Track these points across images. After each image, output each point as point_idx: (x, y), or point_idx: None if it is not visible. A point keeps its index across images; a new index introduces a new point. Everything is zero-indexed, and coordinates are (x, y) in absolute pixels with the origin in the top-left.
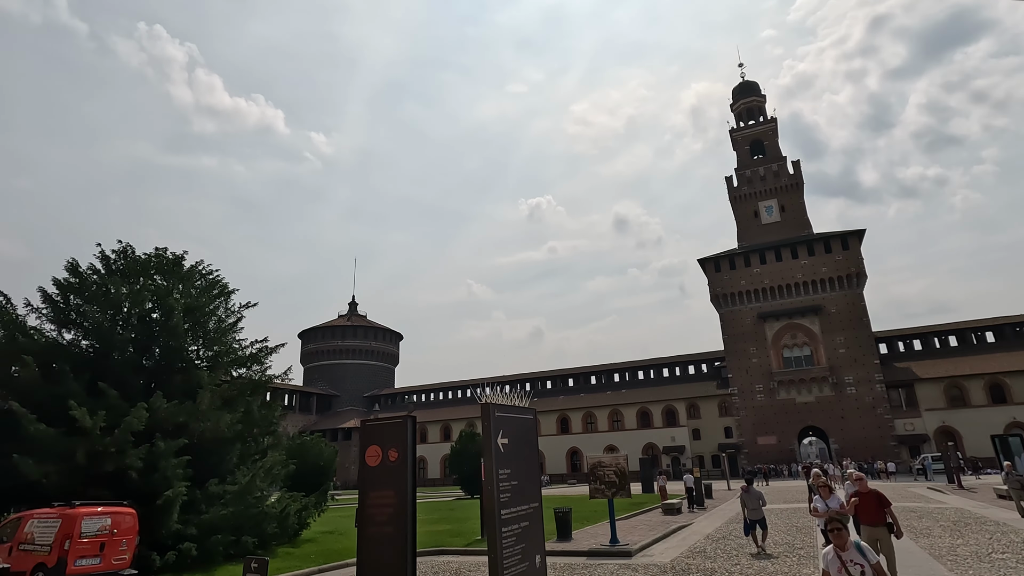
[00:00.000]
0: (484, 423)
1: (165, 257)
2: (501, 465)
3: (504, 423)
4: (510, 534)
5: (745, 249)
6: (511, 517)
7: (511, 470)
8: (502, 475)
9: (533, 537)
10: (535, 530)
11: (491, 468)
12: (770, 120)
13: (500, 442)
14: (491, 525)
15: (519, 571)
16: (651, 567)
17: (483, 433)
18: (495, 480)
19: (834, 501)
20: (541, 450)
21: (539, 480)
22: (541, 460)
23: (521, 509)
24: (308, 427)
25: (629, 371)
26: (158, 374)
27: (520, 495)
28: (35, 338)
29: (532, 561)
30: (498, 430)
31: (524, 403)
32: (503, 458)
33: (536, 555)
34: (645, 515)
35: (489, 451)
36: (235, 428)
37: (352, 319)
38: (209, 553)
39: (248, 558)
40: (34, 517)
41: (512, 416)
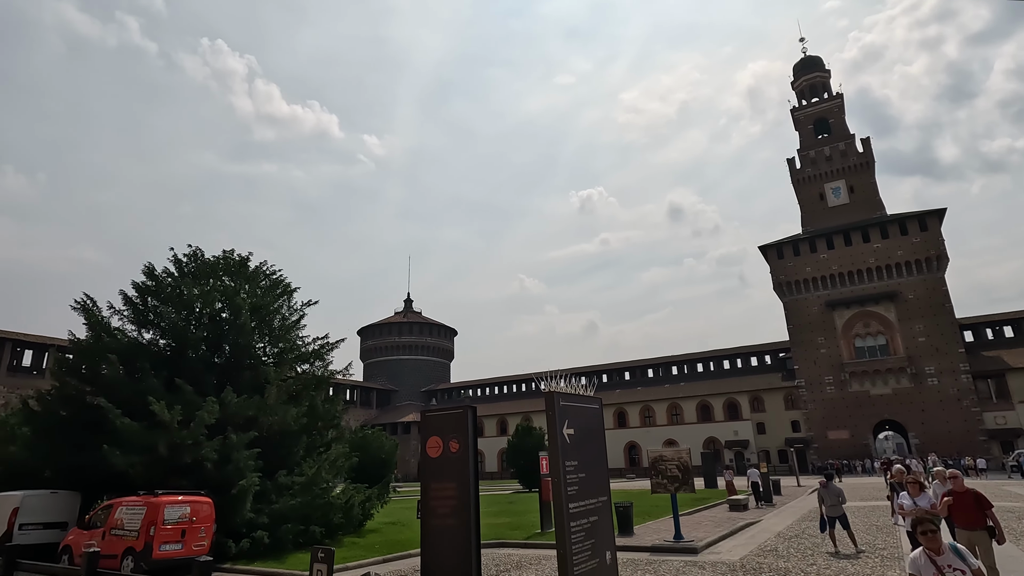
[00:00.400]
0: (548, 412)
1: (232, 259)
2: (567, 456)
3: (569, 412)
4: (579, 529)
5: (810, 234)
6: (579, 511)
7: (578, 462)
8: (569, 467)
9: (603, 532)
10: (604, 525)
11: (557, 460)
12: (835, 96)
13: (566, 432)
14: (559, 519)
15: (589, 568)
16: (719, 565)
17: (547, 423)
18: (562, 472)
19: (924, 500)
20: None
21: (606, 473)
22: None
23: (589, 503)
24: (368, 421)
25: (688, 363)
26: (228, 370)
27: (588, 488)
28: (118, 338)
29: (602, 558)
30: (563, 420)
31: (589, 392)
32: (569, 449)
33: (606, 551)
34: (709, 511)
35: (555, 442)
36: (301, 422)
37: (408, 316)
38: (280, 541)
39: (315, 548)
40: (123, 504)
41: (577, 405)
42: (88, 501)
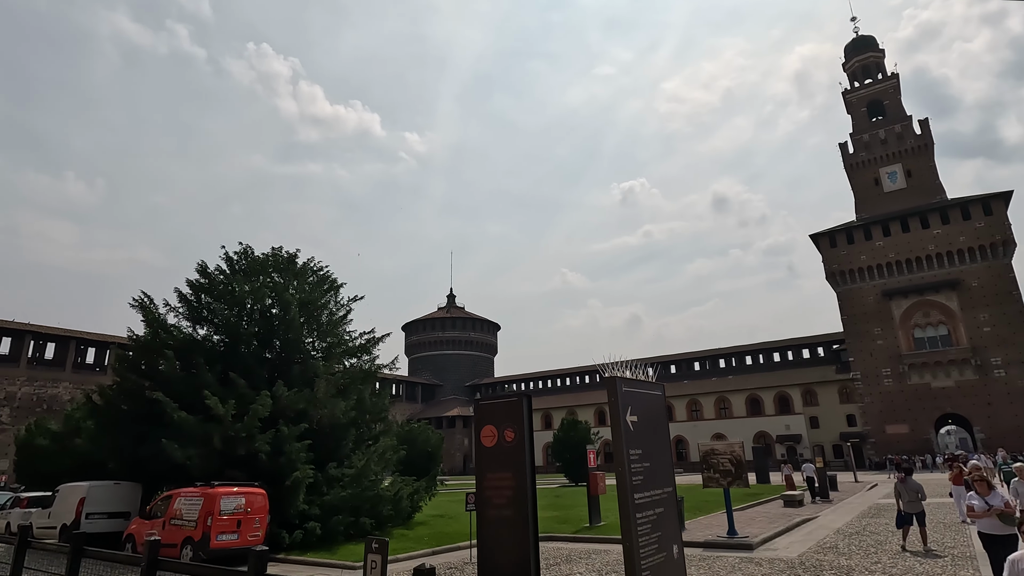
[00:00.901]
0: (611, 399)
1: (280, 256)
2: (631, 445)
3: (632, 399)
4: (645, 521)
5: (865, 221)
6: (645, 502)
7: (642, 450)
8: (633, 455)
9: (669, 525)
10: (670, 518)
11: (621, 448)
12: (890, 77)
13: (629, 420)
14: (624, 511)
15: (656, 562)
16: (776, 562)
17: (610, 410)
18: (626, 461)
19: (995, 498)
20: None
21: (671, 462)
22: None
23: (655, 493)
24: (414, 415)
25: (736, 356)
26: (279, 365)
27: (653, 478)
28: (174, 334)
29: (669, 552)
30: (626, 406)
31: (651, 378)
32: (633, 437)
33: (673, 545)
34: (763, 506)
35: (618, 429)
36: (349, 415)
37: (451, 311)
38: (332, 532)
39: (369, 538)
40: (181, 495)
41: (640, 392)
42: (149, 492)
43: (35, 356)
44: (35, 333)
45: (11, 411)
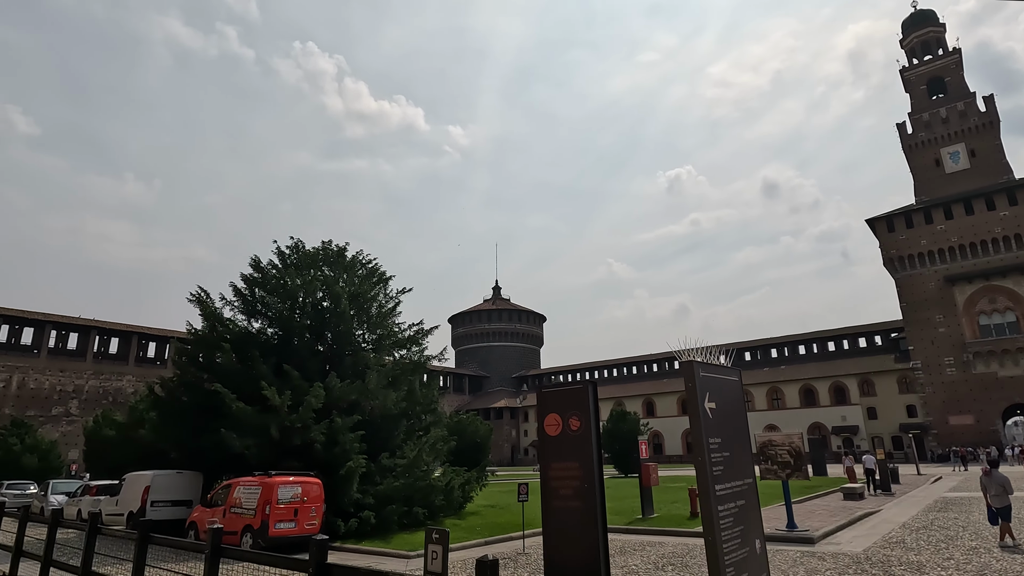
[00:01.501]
0: (688, 384)
1: (330, 250)
2: (711, 433)
3: (710, 384)
4: (727, 514)
5: (925, 204)
6: (726, 494)
7: (721, 439)
8: (712, 444)
9: (751, 518)
10: (752, 510)
11: (700, 437)
12: (952, 52)
13: (707, 407)
14: (705, 503)
15: (739, 558)
16: (840, 556)
17: (687, 396)
18: (706, 450)
19: None
20: None
21: (751, 452)
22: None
23: (736, 485)
24: (462, 407)
25: (789, 346)
26: (331, 357)
27: (733, 469)
28: (230, 328)
29: (752, 547)
30: (704, 392)
31: (727, 362)
32: (712, 425)
33: (756, 540)
34: (822, 499)
35: (696, 417)
36: (400, 405)
37: (496, 303)
38: (386, 521)
39: (429, 529)
40: (241, 484)
41: (718, 377)
42: (209, 481)
43: (100, 351)
44: (100, 329)
45: (79, 403)
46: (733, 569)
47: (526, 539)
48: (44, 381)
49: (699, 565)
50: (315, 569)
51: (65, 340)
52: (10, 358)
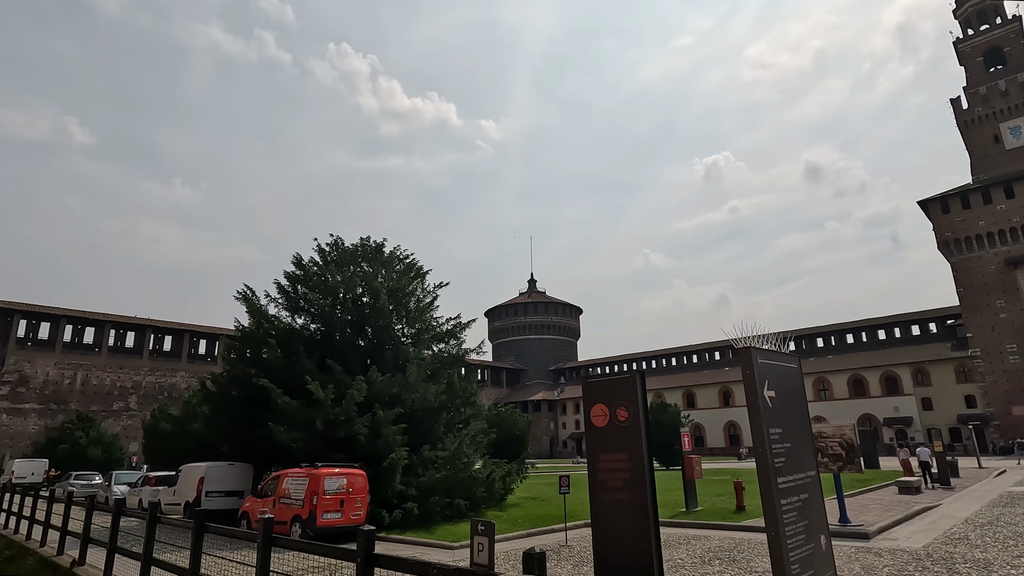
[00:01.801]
0: (745, 371)
1: (368, 246)
2: (771, 423)
3: (769, 372)
4: (790, 508)
5: (984, 182)
6: (789, 487)
7: (782, 429)
8: (773, 435)
9: (815, 513)
10: (816, 504)
11: (760, 427)
12: (1011, 20)
13: (767, 395)
14: (767, 497)
15: (804, 554)
16: (899, 553)
17: (745, 384)
18: (766, 441)
19: None
20: (737, 422)
21: (813, 443)
22: (738, 432)
23: (799, 478)
24: (499, 400)
25: (835, 335)
26: (372, 351)
27: (795, 460)
28: (275, 324)
29: (817, 543)
30: (763, 380)
31: (785, 348)
32: (772, 414)
33: (821, 536)
34: (875, 493)
35: (755, 406)
36: (440, 399)
37: (532, 296)
38: (429, 513)
39: (474, 520)
40: (289, 476)
41: (777, 364)
42: (259, 472)
43: (155, 348)
44: (154, 327)
45: (138, 398)
46: (798, 566)
47: (569, 531)
48: (105, 378)
49: (747, 560)
50: (363, 559)
51: (123, 339)
52: (74, 356)
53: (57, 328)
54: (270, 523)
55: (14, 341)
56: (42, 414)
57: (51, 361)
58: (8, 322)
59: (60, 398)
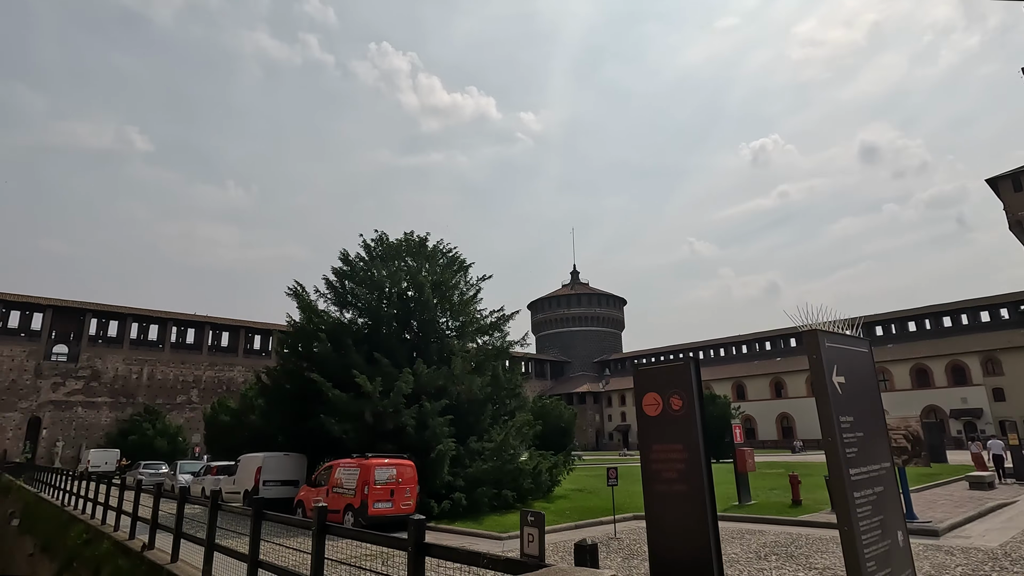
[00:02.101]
0: (812, 356)
1: (412, 240)
2: (841, 411)
3: (838, 356)
4: (864, 502)
5: None
6: (862, 479)
7: (853, 418)
8: (844, 423)
9: (891, 507)
10: (892, 498)
11: (829, 415)
12: None
13: (835, 381)
14: (838, 489)
15: (880, 551)
16: (972, 551)
17: (812, 369)
18: (836, 430)
19: None
20: (790, 413)
21: (886, 433)
22: (791, 424)
23: (872, 469)
24: (544, 392)
25: (896, 322)
26: (417, 344)
27: (868, 451)
28: (325, 318)
29: (894, 539)
30: (832, 365)
31: (855, 332)
32: (842, 402)
33: (898, 532)
34: (943, 488)
35: (823, 393)
36: (485, 390)
37: (575, 287)
38: (476, 503)
39: (524, 511)
40: (341, 466)
41: (846, 348)
42: (313, 462)
43: (214, 344)
44: (213, 324)
45: (199, 392)
46: (874, 564)
47: (617, 523)
48: (169, 372)
49: (805, 556)
50: (414, 548)
51: (184, 335)
52: (140, 352)
53: (124, 326)
54: (323, 511)
55: (87, 339)
56: (113, 407)
57: (120, 357)
58: (81, 321)
59: (129, 392)
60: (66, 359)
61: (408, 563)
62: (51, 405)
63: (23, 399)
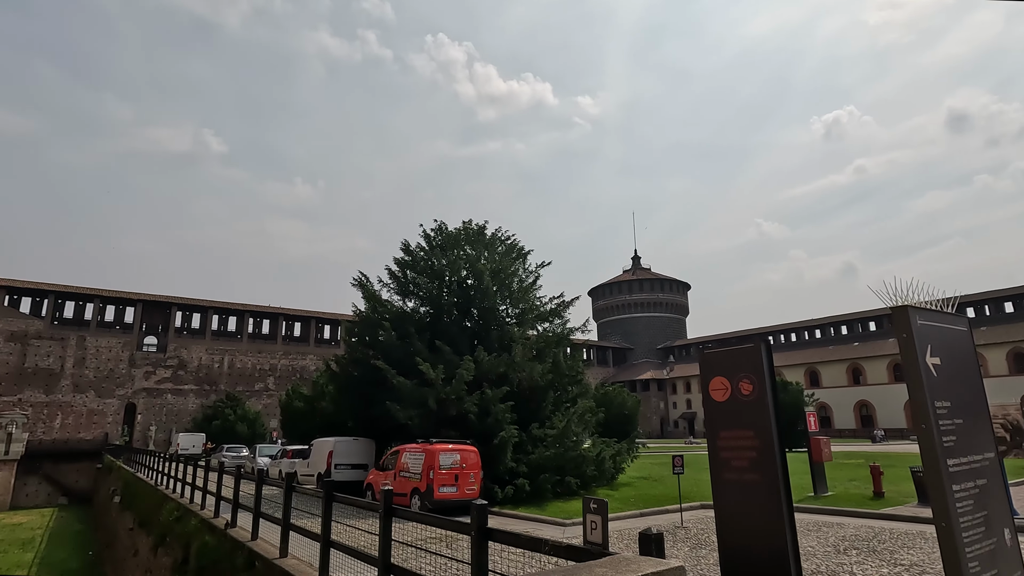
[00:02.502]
0: (901, 335)
1: (471, 229)
2: (936, 395)
3: (932, 335)
4: (964, 495)
5: None
6: (961, 470)
7: (950, 403)
8: (940, 409)
9: (995, 502)
10: (996, 492)
11: (923, 399)
12: None
13: (930, 362)
14: (935, 481)
15: (984, 550)
16: None
17: (902, 350)
18: (932, 416)
19: None
20: (869, 401)
21: (989, 420)
22: (871, 412)
23: (974, 460)
24: (607, 379)
25: (990, 303)
26: (478, 332)
27: (968, 440)
28: (388, 308)
29: (1000, 537)
30: (925, 345)
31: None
32: (937, 385)
33: (1004, 529)
34: None
35: (916, 375)
36: (547, 377)
37: (637, 273)
38: (540, 489)
39: (587, 498)
40: (407, 451)
41: (942, 326)
42: (381, 447)
43: (287, 334)
44: (286, 315)
45: (274, 379)
46: (977, 564)
47: (684, 512)
48: (247, 361)
49: (889, 551)
50: (477, 532)
51: (260, 326)
52: (221, 343)
53: (206, 318)
54: (390, 495)
55: (173, 330)
56: (198, 394)
57: (203, 347)
58: (167, 314)
59: (212, 380)
60: (155, 349)
61: (471, 547)
62: (144, 392)
63: (120, 386)
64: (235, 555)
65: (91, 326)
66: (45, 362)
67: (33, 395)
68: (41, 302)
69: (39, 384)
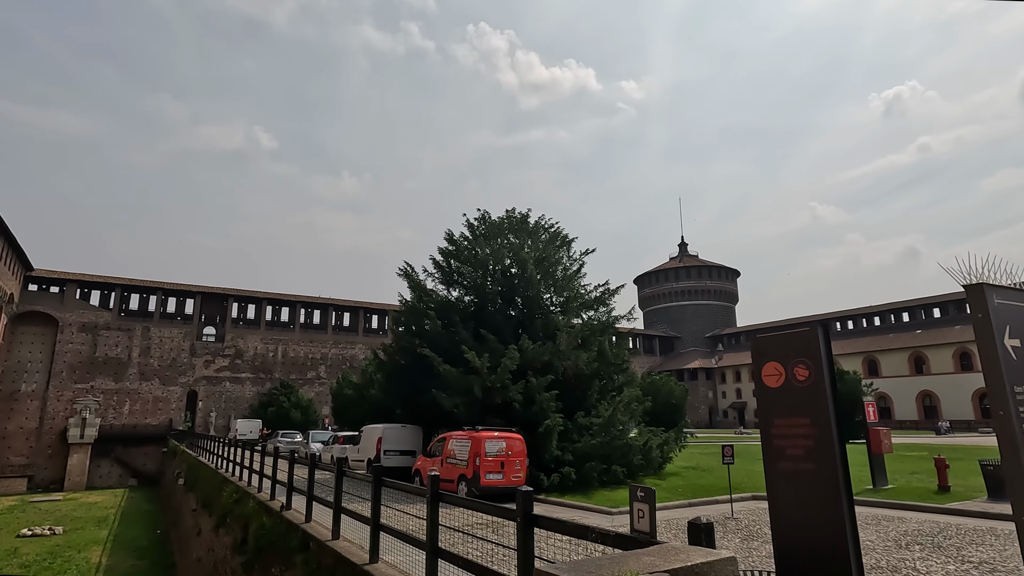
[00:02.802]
0: (976, 315)
1: (514, 217)
2: (1016, 380)
3: (1012, 315)
4: None
5: None
6: None
7: None
8: (1020, 395)
9: None
10: None
11: (1001, 384)
12: None
13: (1008, 344)
14: (1014, 473)
15: None
16: None
17: (977, 331)
18: (1011, 402)
19: None
20: (933, 391)
21: None
22: (935, 403)
23: None
24: (653, 368)
25: None
26: (522, 321)
27: None
28: (433, 297)
29: None
30: (1002, 325)
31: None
32: (1017, 369)
33: None
34: None
35: (992, 357)
36: (592, 366)
37: (683, 260)
38: (586, 478)
39: (633, 486)
40: (453, 438)
41: (1021, 305)
42: (428, 434)
43: (337, 324)
44: (336, 306)
45: (325, 368)
46: None
47: (734, 503)
48: (299, 351)
49: (956, 548)
50: (523, 519)
51: (311, 316)
52: (275, 332)
53: (260, 309)
54: (436, 480)
55: (230, 321)
56: (254, 382)
57: (258, 337)
58: (224, 306)
59: (267, 368)
60: (214, 339)
61: (517, 533)
62: (204, 380)
63: (182, 375)
64: (290, 536)
65: (155, 317)
66: (114, 351)
67: (104, 383)
68: (109, 295)
69: (109, 372)
